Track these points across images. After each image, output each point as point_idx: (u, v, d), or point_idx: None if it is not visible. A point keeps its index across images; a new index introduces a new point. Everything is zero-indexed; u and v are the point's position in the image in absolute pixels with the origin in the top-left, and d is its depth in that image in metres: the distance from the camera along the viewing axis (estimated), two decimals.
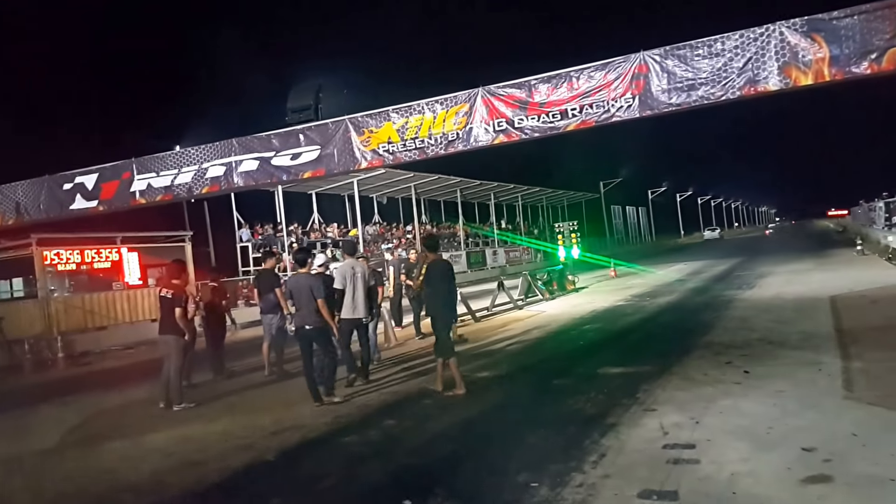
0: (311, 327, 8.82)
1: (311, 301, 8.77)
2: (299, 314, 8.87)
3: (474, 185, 39.70)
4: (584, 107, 10.36)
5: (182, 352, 10.05)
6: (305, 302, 8.78)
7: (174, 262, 10.62)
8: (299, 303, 8.85)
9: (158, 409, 9.81)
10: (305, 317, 8.81)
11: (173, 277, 10.21)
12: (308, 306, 8.78)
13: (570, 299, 19.63)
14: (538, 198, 50.87)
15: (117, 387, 12.23)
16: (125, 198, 13.95)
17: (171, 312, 9.83)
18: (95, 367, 16.24)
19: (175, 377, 9.90)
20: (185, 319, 9.95)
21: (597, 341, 11.81)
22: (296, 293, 8.90)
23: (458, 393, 8.55)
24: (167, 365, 10.18)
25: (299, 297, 8.84)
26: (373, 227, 36.32)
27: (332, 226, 34.57)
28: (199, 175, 13.15)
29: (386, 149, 11.75)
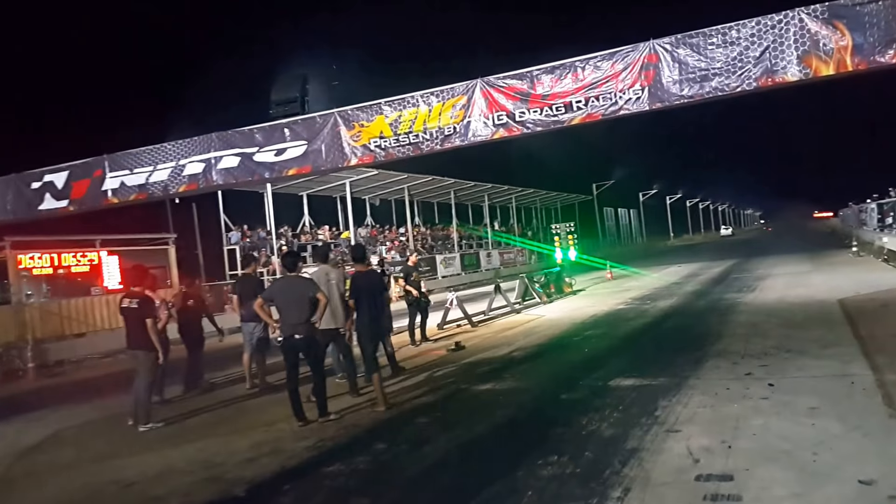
0: (300, 337, 7.93)
1: (304, 308, 7.91)
2: (288, 322, 7.96)
3: (468, 187, 38.92)
4: (590, 99, 9.60)
5: (152, 367, 9.20)
6: (296, 308, 7.91)
7: (134, 267, 9.81)
8: (288, 309, 7.98)
9: (127, 426, 9.00)
10: (295, 325, 7.91)
11: (135, 284, 9.37)
12: (299, 313, 7.90)
13: (568, 303, 18.86)
14: (532, 199, 50.17)
15: (87, 400, 11.41)
16: (97, 197, 13.09)
17: (140, 324, 8.93)
18: (68, 377, 15.40)
19: (144, 395, 9.08)
20: (157, 330, 9.11)
21: (602, 349, 11.04)
22: (283, 299, 8.05)
23: (377, 409, 8.09)
24: (137, 380, 9.38)
25: (288, 303, 7.98)
26: (365, 230, 35.49)
27: (324, 228, 33.71)
28: (175, 172, 12.33)
29: (378, 144, 10.95)
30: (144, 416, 8.92)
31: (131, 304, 9.09)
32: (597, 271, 27.50)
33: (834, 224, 52.55)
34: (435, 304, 15.02)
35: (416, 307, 13.64)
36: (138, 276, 9.53)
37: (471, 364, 10.75)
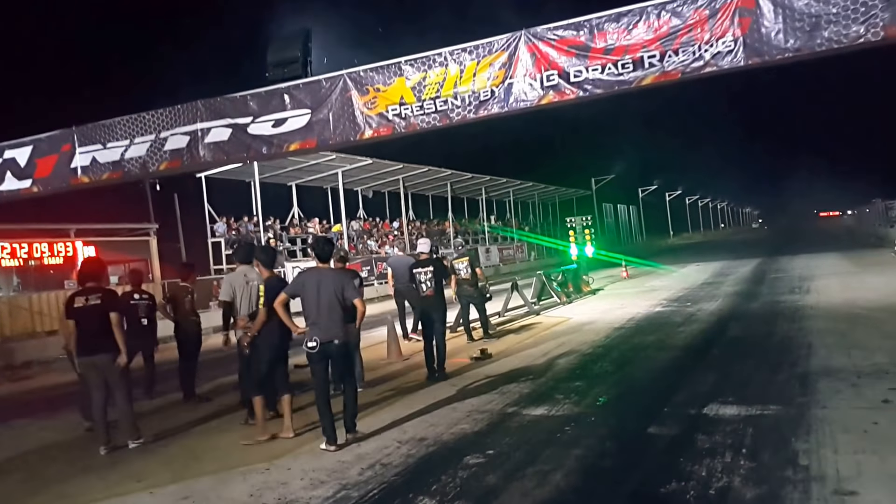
0: (338, 342, 6.74)
1: (336, 307, 6.73)
2: (320, 325, 6.70)
3: (465, 179, 37.10)
4: (668, 53, 7.79)
5: (125, 371, 7.62)
6: (332, 308, 6.72)
7: (90, 260, 8.19)
8: (321, 309, 6.72)
9: (99, 455, 7.32)
10: (330, 328, 6.69)
11: (91, 278, 7.73)
12: (335, 314, 6.73)
13: (591, 303, 17.09)
14: (529, 194, 48.33)
15: (53, 412, 9.64)
16: (65, 176, 11.17)
17: (104, 323, 7.37)
18: (35, 382, 13.53)
19: (127, 406, 7.63)
20: (122, 327, 7.55)
21: (666, 362, 9.22)
22: (315, 296, 6.74)
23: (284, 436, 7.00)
24: (98, 397, 7.59)
25: (321, 300, 6.72)
26: (357, 223, 33.58)
27: (314, 221, 31.78)
28: (155, 147, 10.42)
29: (397, 112, 9.08)
30: (133, 429, 7.62)
31: (90, 300, 7.47)
32: (609, 269, 25.75)
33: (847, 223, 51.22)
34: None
35: (470, 298, 12.32)
36: (96, 269, 7.90)
37: (506, 378, 8.93)
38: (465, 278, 12.32)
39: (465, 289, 12.36)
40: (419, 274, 9.89)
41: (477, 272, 12.44)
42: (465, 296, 12.46)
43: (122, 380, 7.60)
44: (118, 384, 7.57)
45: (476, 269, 12.47)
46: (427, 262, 10.07)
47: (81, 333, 7.50)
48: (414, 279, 10.00)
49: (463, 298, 12.49)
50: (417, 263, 10.13)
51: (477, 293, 12.49)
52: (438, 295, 9.83)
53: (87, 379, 7.77)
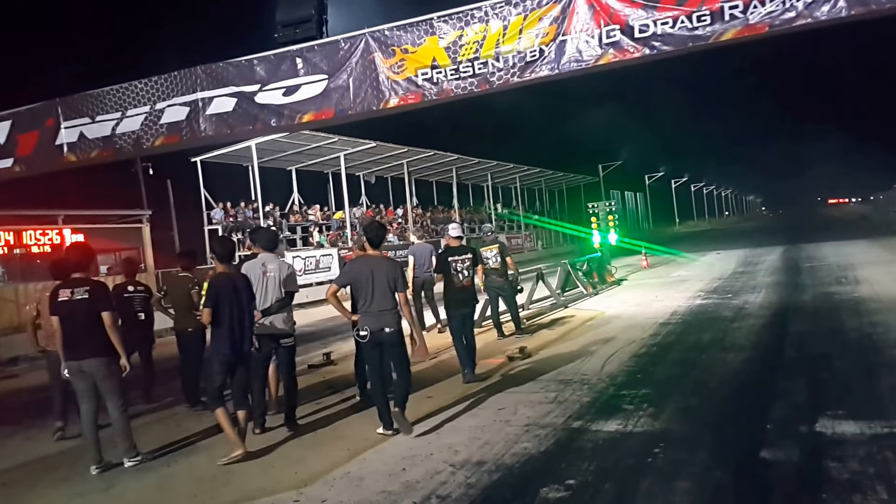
0: (391, 330, 6.50)
1: (389, 295, 6.49)
2: (373, 313, 6.47)
3: (471, 164, 35.79)
4: (753, 3, 6.67)
5: (119, 378, 6.49)
6: (384, 295, 6.48)
7: (75, 246, 7.06)
8: (373, 296, 6.49)
9: (90, 475, 6.26)
10: (383, 316, 6.47)
11: (78, 267, 6.60)
12: (387, 301, 6.49)
13: (619, 294, 15.96)
14: (535, 181, 46.88)
15: (39, 418, 8.51)
16: (50, 154, 9.96)
17: (94, 322, 6.30)
18: (21, 381, 12.41)
19: (122, 417, 6.54)
20: (118, 327, 6.43)
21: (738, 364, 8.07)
22: (368, 283, 6.49)
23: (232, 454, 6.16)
24: (87, 407, 6.49)
25: (374, 288, 6.48)
26: (360, 210, 32.36)
27: (315, 207, 30.58)
28: (151, 120, 9.23)
29: (428, 76, 7.89)
30: (129, 445, 6.53)
31: (76, 294, 6.35)
32: (625, 257, 24.55)
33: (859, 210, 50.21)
34: None
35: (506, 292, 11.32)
36: (82, 256, 6.72)
37: (556, 383, 7.80)
38: (494, 268, 11.18)
39: (494, 280, 11.24)
40: (455, 262, 8.80)
41: (507, 262, 11.30)
42: (495, 287, 11.33)
43: (116, 387, 6.51)
44: (111, 392, 6.48)
45: (507, 258, 11.32)
46: (464, 250, 9.08)
47: (67, 333, 6.39)
48: (447, 267, 8.86)
49: (492, 290, 11.37)
50: (451, 251, 9.00)
51: (507, 285, 11.36)
52: (473, 287, 8.98)
53: (74, 386, 6.64)
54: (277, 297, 7.11)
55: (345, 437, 6.64)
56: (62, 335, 6.41)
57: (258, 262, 7.05)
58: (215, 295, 6.32)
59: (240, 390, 6.52)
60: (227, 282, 6.42)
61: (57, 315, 6.41)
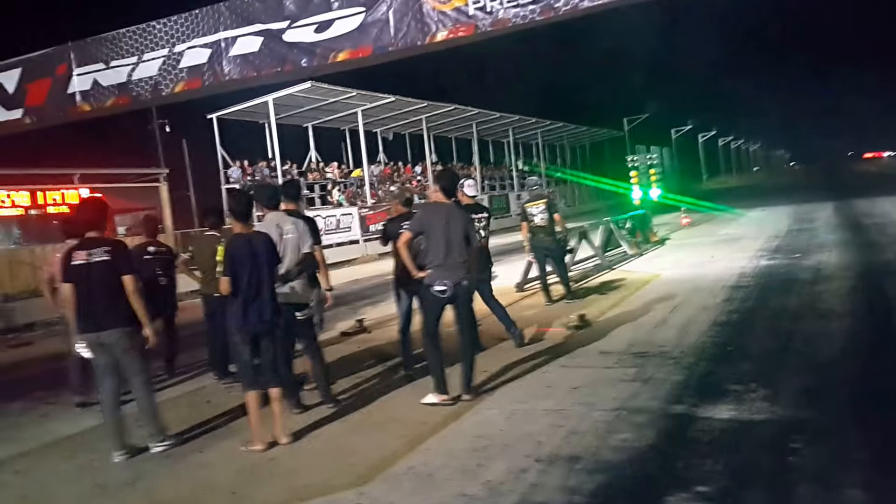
0: (467, 283, 6.15)
1: (464, 246, 6.09)
2: (448, 266, 6.01)
3: (492, 119, 34.54)
4: None
5: (143, 350, 5.77)
6: (460, 246, 6.05)
7: (86, 201, 6.16)
8: (448, 247, 6.04)
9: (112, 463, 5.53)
10: (459, 268, 6.06)
11: (91, 226, 5.79)
12: (461, 254, 6.06)
13: (667, 255, 14.98)
14: (558, 136, 45.36)
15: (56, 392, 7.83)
16: (62, 103, 9.16)
17: (115, 287, 5.51)
18: (37, 348, 11.73)
19: (148, 397, 5.84)
20: (141, 293, 5.61)
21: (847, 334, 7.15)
22: (442, 233, 6.03)
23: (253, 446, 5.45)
24: (108, 385, 5.73)
25: (449, 239, 6.04)
26: (378, 167, 31.35)
27: (332, 165, 29.66)
28: (169, 64, 8.37)
29: (480, 5, 6.92)
30: (156, 427, 5.80)
31: (93, 256, 5.53)
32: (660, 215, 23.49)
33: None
34: None
35: (555, 253, 10.43)
36: (97, 212, 5.91)
37: (632, 356, 6.91)
38: (540, 226, 10.27)
39: (541, 239, 10.31)
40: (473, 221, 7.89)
41: (555, 219, 10.37)
42: (543, 247, 10.38)
43: (140, 361, 5.76)
44: (135, 367, 5.72)
45: (555, 214, 10.38)
46: (479, 208, 8.27)
47: (83, 301, 5.59)
48: None
49: (539, 251, 10.42)
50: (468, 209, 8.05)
51: (556, 244, 10.45)
52: (488, 249, 8.37)
53: (92, 362, 5.88)
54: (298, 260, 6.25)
55: (398, 421, 5.86)
56: (76, 304, 5.62)
57: (271, 224, 6.14)
58: (233, 260, 5.48)
59: (268, 366, 5.71)
60: (245, 244, 5.58)
61: (71, 281, 5.61)
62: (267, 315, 5.59)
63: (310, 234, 6.36)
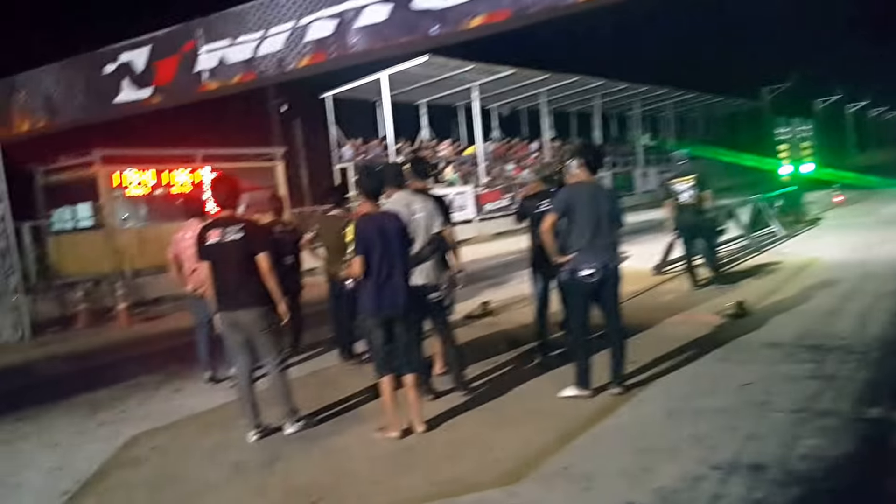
0: (614, 265, 5.63)
1: (609, 225, 5.60)
2: (595, 248, 5.52)
3: (617, 90, 32.72)
4: None
5: (278, 330, 5.62)
6: (606, 226, 5.58)
7: (220, 179, 5.98)
8: (595, 229, 5.54)
9: (246, 443, 5.44)
10: (606, 251, 5.57)
11: (227, 203, 5.67)
12: (608, 235, 5.59)
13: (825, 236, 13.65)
14: (689, 107, 41.91)
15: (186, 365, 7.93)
16: (189, 82, 9.12)
17: (248, 266, 5.38)
18: (167, 322, 12.04)
19: (281, 378, 5.64)
20: (275, 272, 5.48)
21: None
22: (589, 214, 5.56)
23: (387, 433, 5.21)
24: (243, 364, 5.58)
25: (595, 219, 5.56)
26: (492, 145, 30.81)
27: (445, 143, 29.41)
28: (295, 38, 8.14)
29: None
30: (290, 408, 5.65)
31: (228, 235, 5.36)
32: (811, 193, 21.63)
33: None
34: None
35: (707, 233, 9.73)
36: (232, 191, 5.72)
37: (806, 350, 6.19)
38: (688, 204, 9.54)
39: (688, 218, 9.58)
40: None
41: (705, 196, 9.58)
42: (690, 227, 9.66)
43: (275, 341, 5.58)
44: (269, 347, 5.55)
45: (705, 191, 9.60)
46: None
47: (219, 280, 5.45)
48: None
49: (686, 231, 9.70)
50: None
51: (706, 224, 9.68)
52: None
53: (226, 341, 5.76)
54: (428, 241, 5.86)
55: (538, 413, 5.45)
56: (213, 283, 5.49)
57: (400, 203, 5.75)
58: (364, 240, 5.17)
59: (402, 351, 5.39)
60: (375, 224, 5.26)
61: (207, 260, 5.48)
62: (400, 299, 5.28)
63: (440, 213, 6.01)
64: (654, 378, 5.95)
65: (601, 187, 5.91)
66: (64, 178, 16.79)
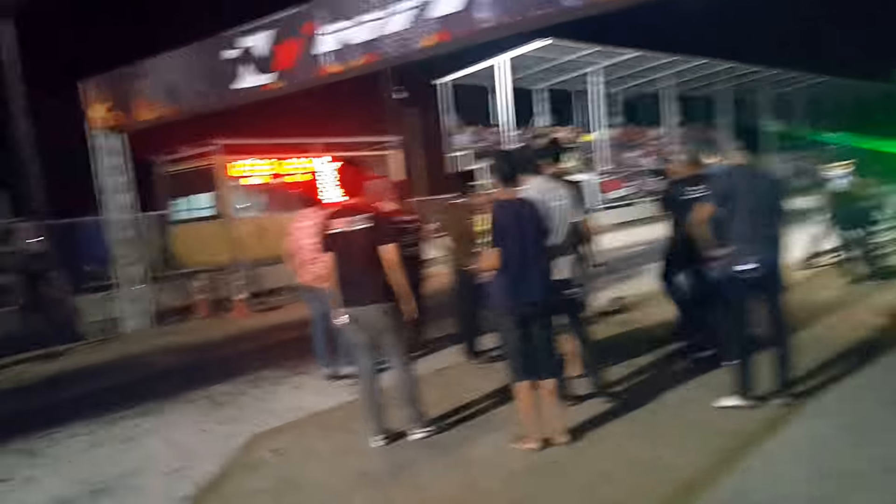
0: (780, 261, 5.00)
1: (775, 216, 4.95)
2: (757, 241, 4.91)
3: (745, 73, 30.70)
4: None
5: (404, 328, 5.21)
6: (769, 216, 4.94)
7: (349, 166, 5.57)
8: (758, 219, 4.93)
9: (369, 449, 5.08)
10: (769, 244, 4.94)
11: (353, 190, 5.32)
12: (772, 227, 4.94)
13: None
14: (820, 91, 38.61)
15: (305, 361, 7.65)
16: (309, 66, 8.85)
17: (374, 259, 4.97)
18: (284, 313, 11.99)
19: (410, 380, 5.21)
20: (402, 265, 5.07)
21: None
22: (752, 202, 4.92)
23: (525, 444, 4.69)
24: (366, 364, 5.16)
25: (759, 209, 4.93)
26: (612, 131, 29.67)
27: (563, 129, 28.51)
28: (420, 15, 7.68)
29: None
30: (416, 412, 5.22)
31: (353, 224, 4.98)
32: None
33: None
34: None
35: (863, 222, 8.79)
36: (357, 178, 5.37)
37: None
38: (845, 192, 8.58)
39: (845, 207, 8.70)
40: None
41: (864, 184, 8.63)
42: (848, 216, 8.68)
43: (401, 339, 5.16)
44: (395, 346, 5.15)
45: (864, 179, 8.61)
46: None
47: (343, 273, 5.04)
48: None
49: (844, 220, 8.75)
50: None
51: (864, 212, 8.67)
52: None
53: (349, 338, 5.37)
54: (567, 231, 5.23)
55: (698, 426, 4.85)
56: (338, 275, 5.08)
57: (535, 190, 5.12)
58: (501, 229, 4.61)
59: (540, 353, 4.81)
60: (512, 211, 4.68)
61: (332, 251, 5.08)
62: (538, 294, 4.71)
63: (580, 200, 5.41)
64: (821, 387, 5.23)
65: (764, 172, 5.24)
66: (184, 168, 17.06)
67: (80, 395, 7.81)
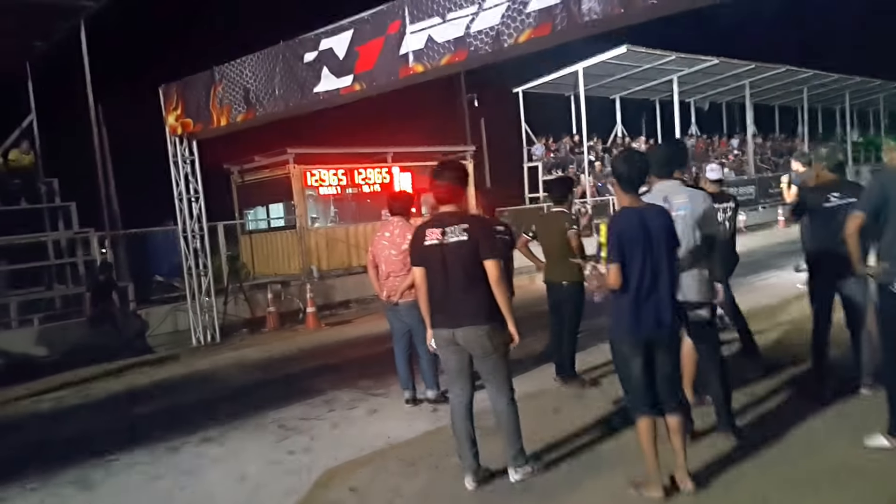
0: None
1: None
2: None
3: (827, 82, 29.13)
4: None
5: (507, 353, 4.53)
6: None
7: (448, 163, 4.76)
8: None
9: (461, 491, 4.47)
10: None
11: (449, 198, 4.48)
12: None
13: None
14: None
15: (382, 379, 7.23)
16: (392, 66, 8.31)
17: (474, 274, 4.29)
18: (356, 328, 11.50)
19: (511, 414, 4.51)
20: (507, 283, 4.66)
21: None
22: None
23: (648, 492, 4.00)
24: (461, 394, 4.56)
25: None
26: (690, 141, 28.54)
27: (640, 139, 27.57)
28: (515, 9, 7.04)
29: None
30: (518, 448, 4.52)
31: (449, 236, 4.31)
32: None
33: None
34: None
35: None
36: (457, 181, 4.52)
37: None
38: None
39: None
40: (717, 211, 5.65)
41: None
42: None
43: (503, 367, 4.48)
44: (495, 374, 4.47)
45: None
46: (726, 197, 6.43)
47: (436, 290, 4.41)
48: None
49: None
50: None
51: None
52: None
53: (443, 364, 4.72)
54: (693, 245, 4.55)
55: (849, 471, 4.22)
56: (428, 293, 4.46)
57: (658, 196, 4.46)
58: (623, 242, 3.95)
59: (665, 384, 4.10)
60: (637, 221, 3.99)
61: (422, 265, 4.45)
62: (667, 317, 4.02)
63: (713, 210, 4.84)
64: None
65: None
66: (257, 177, 16.89)
67: (143, 414, 7.45)
